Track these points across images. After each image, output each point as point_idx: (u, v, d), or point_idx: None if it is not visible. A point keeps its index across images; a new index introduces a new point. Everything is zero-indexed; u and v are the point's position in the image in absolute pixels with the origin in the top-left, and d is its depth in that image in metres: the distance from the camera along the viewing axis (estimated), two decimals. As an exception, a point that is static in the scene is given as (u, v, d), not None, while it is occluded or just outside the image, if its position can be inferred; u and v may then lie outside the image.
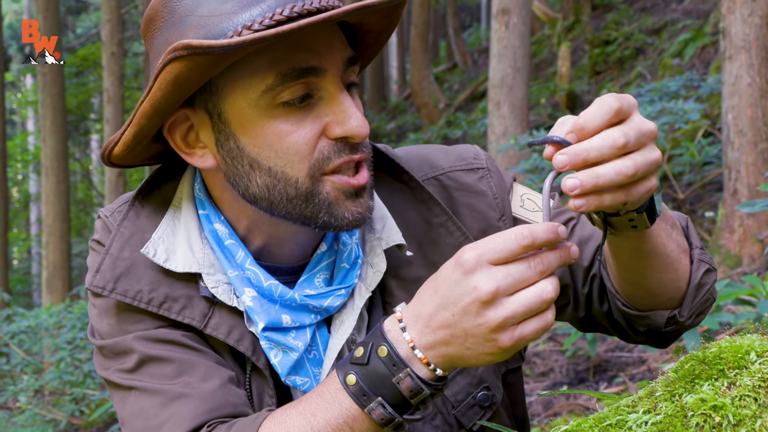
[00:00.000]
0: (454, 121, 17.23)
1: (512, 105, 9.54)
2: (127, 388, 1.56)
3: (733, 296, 3.30)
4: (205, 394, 1.50)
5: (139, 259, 1.58)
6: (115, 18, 14.62)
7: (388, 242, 1.63)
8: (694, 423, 1.04)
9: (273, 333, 1.56)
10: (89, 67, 22.70)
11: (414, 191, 1.70)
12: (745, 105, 6.34)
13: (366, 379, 1.32)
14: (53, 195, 14.73)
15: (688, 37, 12.92)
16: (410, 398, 1.32)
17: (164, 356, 1.53)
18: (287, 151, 1.46)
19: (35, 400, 9.18)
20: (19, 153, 25.55)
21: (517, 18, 9.63)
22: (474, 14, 35.01)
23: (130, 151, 1.56)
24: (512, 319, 1.23)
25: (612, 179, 1.19)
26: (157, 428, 1.49)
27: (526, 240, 1.23)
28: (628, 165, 1.20)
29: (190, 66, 1.36)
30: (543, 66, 18.50)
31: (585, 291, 1.73)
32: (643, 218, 1.38)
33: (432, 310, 1.28)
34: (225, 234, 1.59)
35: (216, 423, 1.48)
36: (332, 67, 1.46)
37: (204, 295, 1.56)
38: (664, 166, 7.84)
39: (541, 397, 5.50)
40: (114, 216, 1.65)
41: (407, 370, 1.30)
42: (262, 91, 1.43)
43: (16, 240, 28.67)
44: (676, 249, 1.55)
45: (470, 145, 1.84)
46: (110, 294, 1.55)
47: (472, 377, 1.69)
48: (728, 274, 6.18)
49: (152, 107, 1.44)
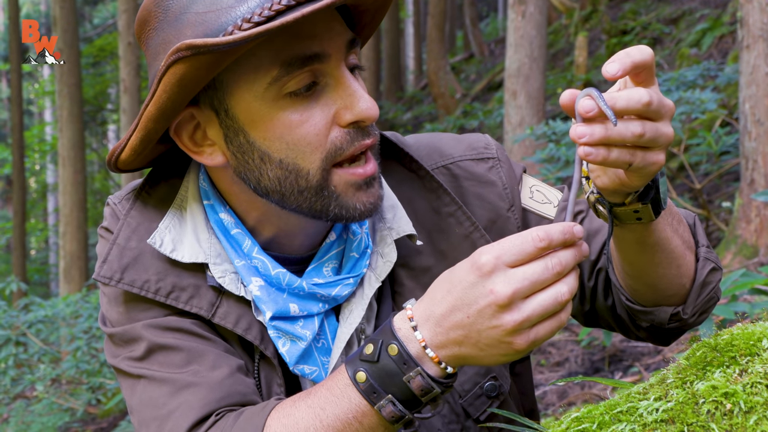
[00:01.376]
0: (470, 111, 17.21)
1: (528, 95, 9.51)
2: (136, 376, 1.56)
3: (749, 285, 3.29)
4: (213, 382, 1.50)
5: (146, 249, 1.57)
6: (132, 8, 14.64)
7: (399, 232, 1.63)
8: (706, 410, 1.04)
9: (281, 322, 1.56)
10: (106, 58, 22.77)
11: (423, 180, 1.69)
12: (762, 95, 6.30)
13: (376, 377, 1.32)
14: (70, 185, 14.78)
15: (706, 26, 12.84)
16: (421, 396, 1.32)
17: (173, 345, 1.53)
18: (298, 142, 1.45)
19: (52, 389, 9.23)
20: (37, 143, 25.65)
21: (534, 7, 9.60)
22: (491, 4, 34.91)
23: (137, 155, 1.55)
24: (528, 322, 1.23)
25: (621, 134, 1.21)
26: (166, 417, 1.49)
27: (543, 242, 1.23)
28: (637, 125, 1.21)
29: (195, 66, 1.35)
30: (560, 56, 18.42)
31: (590, 284, 1.73)
32: (648, 210, 1.39)
33: (445, 310, 1.28)
34: (231, 223, 1.58)
35: (224, 411, 1.48)
36: (335, 51, 1.45)
37: (211, 284, 1.56)
38: (681, 156, 7.79)
39: (554, 386, 5.50)
40: (122, 203, 1.65)
41: (418, 369, 1.30)
42: (268, 83, 1.42)
43: (34, 230, 28.80)
44: (682, 245, 1.56)
45: (481, 135, 1.83)
46: (117, 284, 1.55)
47: (480, 367, 1.69)
48: (744, 264, 6.14)
49: (158, 110, 1.43)
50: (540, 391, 5.66)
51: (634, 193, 1.37)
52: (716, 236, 7.69)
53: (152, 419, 1.51)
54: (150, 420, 1.51)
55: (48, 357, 9.53)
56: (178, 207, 1.61)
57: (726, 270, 6.16)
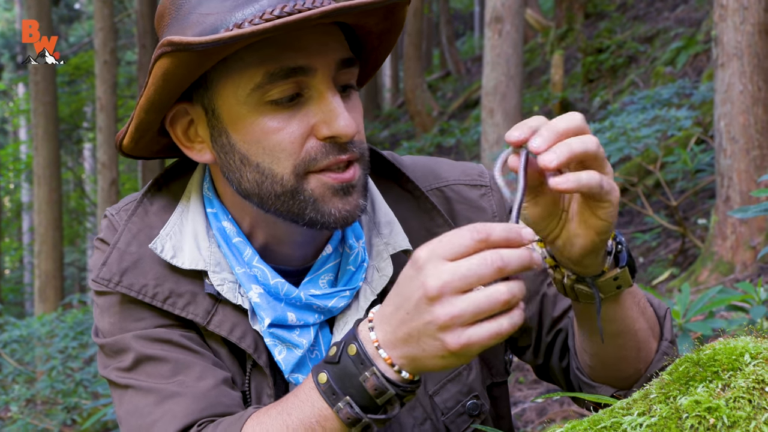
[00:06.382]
0: (447, 129, 17.24)
1: (505, 113, 9.56)
2: (124, 386, 1.58)
3: (726, 302, 3.30)
4: (198, 393, 1.52)
5: (146, 254, 1.61)
6: (108, 27, 14.61)
7: (395, 247, 1.66)
8: (689, 425, 1.04)
9: (279, 330, 1.58)
10: (82, 76, 22.65)
11: (418, 201, 1.71)
12: (737, 112, 6.35)
13: (336, 378, 1.32)
14: (45, 204, 14.69)
15: (681, 45, 12.96)
16: (375, 398, 1.30)
17: (161, 356, 1.56)
18: (274, 148, 1.48)
19: (27, 409, 9.14)
20: (12, 162, 25.51)
21: (510, 26, 9.66)
22: (467, 22, 35.07)
23: (136, 144, 1.61)
24: (459, 319, 1.17)
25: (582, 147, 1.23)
26: (150, 426, 1.52)
27: (480, 235, 1.18)
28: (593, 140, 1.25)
29: (175, 62, 1.40)
30: (536, 74, 18.52)
31: (547, 340, 1.75)
32: (626, 274, 1.42)
33: (393, 308, 1.27)
34: (233, 232, 1.61)
35: (206, 422, 1.50)
36: (322, 66, 1.46)
37: (209, 292, 1.59)
38: (657, 173, 7.85)
39: (534, 403, 5.50)
40: (120, 214, 1.69)
41: (372, 368, 1.28)
42: (251, 88, 1.45)
43: (8, 249, 28.61)
44: (646, 329, 1.57)
45: (476, 164, 1.86)
46: (116, 287, 1.58)
47: (462, 385, 1.70)
48: (721, 281, 6.18)
49: (147, 101, 1.49)
50: (519, 409, 5.66)
51: (608, 254, 1.41)
52: (692, 253, 7.73)
53: (137, 428, 1.54)
54: (135, 429, 1.54)
55: (23, 377, 9.44)
56: (179, 215, 1.65)
57: (702, 286, 6.19)
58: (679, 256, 7.82)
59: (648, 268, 8.08)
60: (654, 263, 8.20)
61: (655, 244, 8.75)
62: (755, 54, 6.37)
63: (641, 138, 6.85)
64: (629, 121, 7.18)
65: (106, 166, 14.32)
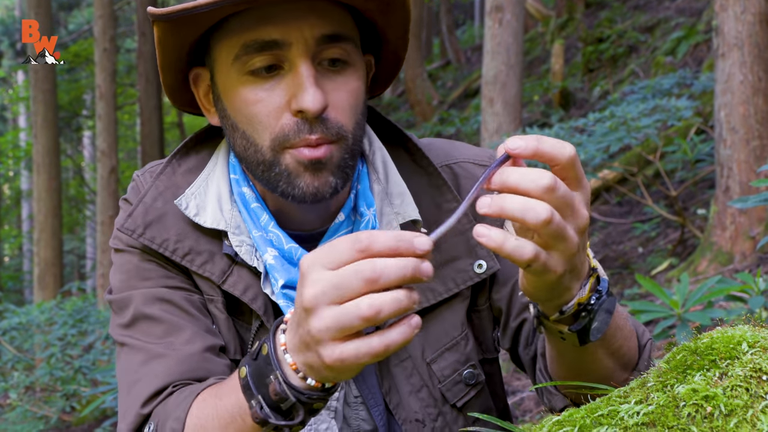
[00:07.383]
0: (447, 118, 17.23)
1: (505, 102, 9.54)
2: (121, 344, 1.65)
3: (725, 292, 3.31)
4: (182, 356, 1.57)
5: (171, 210, 1.67)
6: (108, 14, 14.57)
7: (405, 217, 1.69)
8: (686, 413, 1.04)
9: (291, 291, 1.61)
10: (81, 64, 22.64)
11: (430, 176, 1.75)
12: (737, 102, 6.35)
13: (252, 375, 1.28)
14: (45, 192, 14.68)
15: (681, 34, 12.94)
16: (277, 402, 1.25)
17: (157, 316, 1.62)
18: (252, 119, 1.53)
19: (26, 396, 9.16)
20: (11, 149, 25.49)
21: (511, 15, 9.63)
22: (467, 11, 34.99)
23: (172, 98, 1.72)
24: (327, 333, 1.10)
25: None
26: (134, 384, 1.58)
27: (360, 244, 1.09)
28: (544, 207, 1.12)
29: (158, 30, 1.49)
30: (536, 63, 18.50)
31: (513, 325, 1.74)
32: (573, 338, 1.32)
33: (294, 314, 1.20)
34: (252, 197, 1.67)
35: (181, 385, 1.54)
36: (297, 41, 1.48)
37: (226, 252, 1.64)
38: (657, 163, 7.84)
39: (532, 392, 5.50)
40: (144, 176, 1.76)
41: (276, 372, 1.23)
42: (232, 59, 1.51)
43: (8, 237, 28.63)
44: (615, 367, 1.49)
45: (489, 149, 1.89)
46: (139, 238, 1.65)
47: (460, 354, 1.73)
48: (720, 271, 6.19)
49: (159, 64, 1.60)
50: (517, 398, 5.67)
51: (563, 313, 1.29)
52: (692, 243, 7.74)
53: (125, 385, 1.60)
54: (124, 386, 1.60)
55: (22, 364, 9.46)
56: (205, 178, 1.70)
57: (701, 277, 6.20)
58: (678, 246, 7.82)
59: (647, 258, 8.09)
60: (653, 253, 8.21)
61: (655, 234, 8.75)
62: (756, 44, 6.36)
63: (641, 128, 6.85)
64: (629, 111, 7.18)
65: (105, 153, 14.30)
